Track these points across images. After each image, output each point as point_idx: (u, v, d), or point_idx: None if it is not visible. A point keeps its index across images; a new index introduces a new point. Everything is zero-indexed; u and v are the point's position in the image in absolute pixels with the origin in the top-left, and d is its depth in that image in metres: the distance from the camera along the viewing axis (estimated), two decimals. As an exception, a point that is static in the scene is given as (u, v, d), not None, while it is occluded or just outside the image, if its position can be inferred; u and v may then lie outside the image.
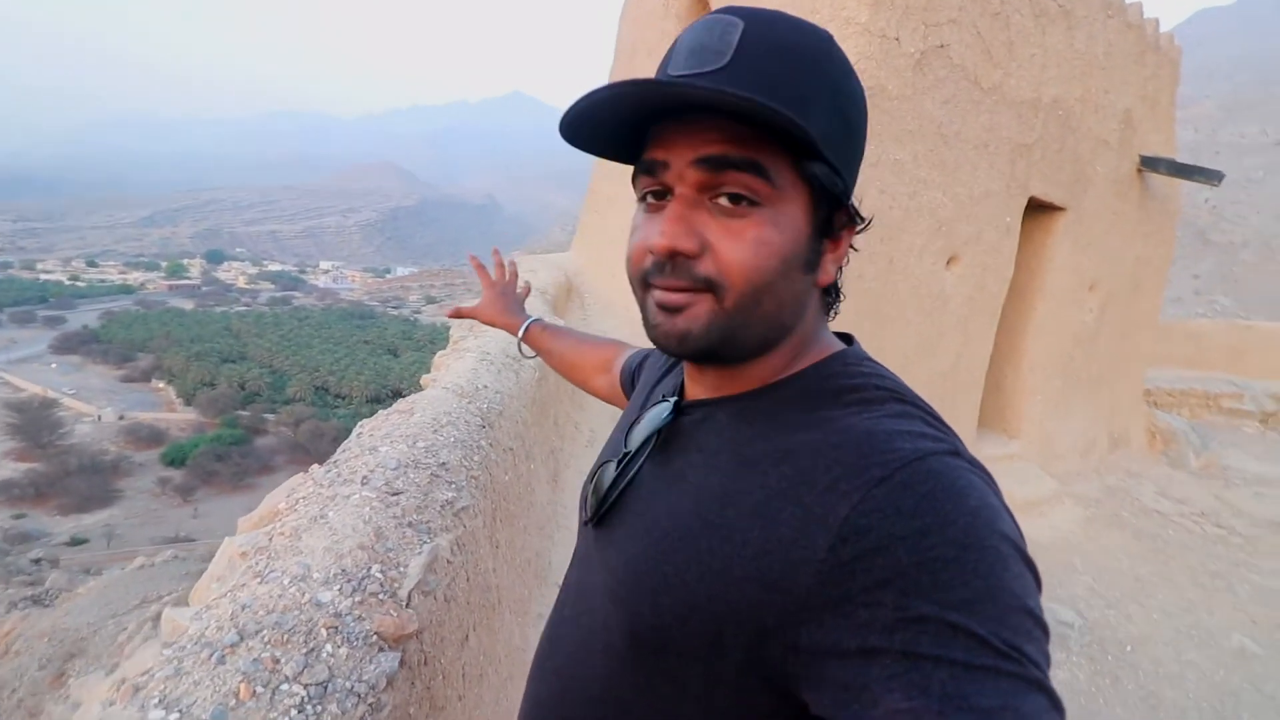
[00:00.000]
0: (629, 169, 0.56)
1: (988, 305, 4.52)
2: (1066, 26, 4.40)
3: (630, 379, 0.90)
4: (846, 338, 0.60)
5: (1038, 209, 4.77)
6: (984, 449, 4.75)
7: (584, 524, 0.66)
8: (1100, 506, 4.71)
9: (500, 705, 1.50)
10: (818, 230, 0.52)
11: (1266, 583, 3.84)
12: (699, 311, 0.51)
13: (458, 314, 1.20)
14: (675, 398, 0.62)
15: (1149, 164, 5.33)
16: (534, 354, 1.13)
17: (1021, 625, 0.39)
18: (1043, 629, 0.40)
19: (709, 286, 0.50)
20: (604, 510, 0.61)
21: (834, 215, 0.53)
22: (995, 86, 4.05)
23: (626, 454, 0.62)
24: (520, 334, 1.11)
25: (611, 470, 0.62)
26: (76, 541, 28.93)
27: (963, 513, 0.42)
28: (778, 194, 0.49)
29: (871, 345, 0.59)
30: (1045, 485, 4.72)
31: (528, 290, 1.23)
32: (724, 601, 0.47)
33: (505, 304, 1.16)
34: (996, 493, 0.45)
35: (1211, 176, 5.30)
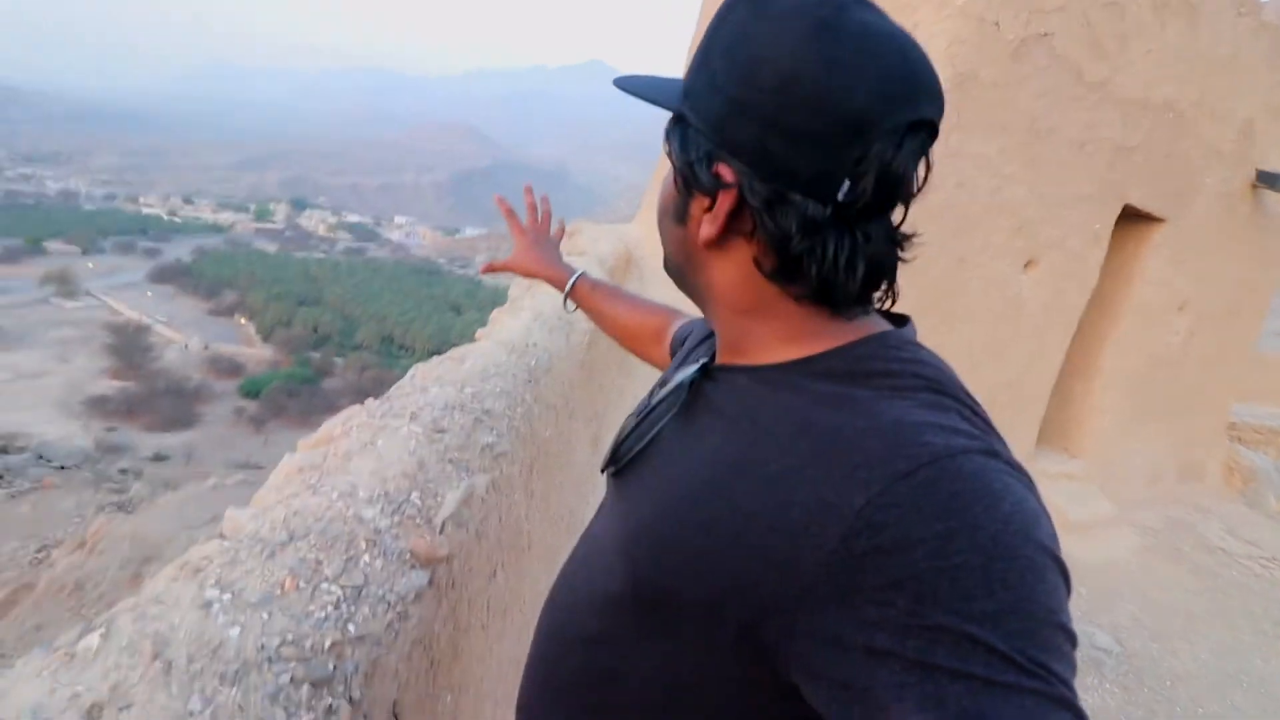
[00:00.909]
0: None
1: (1065, 315, 4.30)
2: (1190, 23, 4.06)
3: (678, 348, 0.90)
4: (901, 319, 0.57)
5: (1133, 218, 4.46)
6: (1042, 465, 4.56)
7: (602, 472, 0.68)
8: (1160, 537, 4.46)
9: (521, 643, 1.58)
10: (680, 184, 0.54)
11: (1338, 639, 3.57)
12: None
13: (490, 269, 1.14)
14: (705, 359, 0.61)
15: (1266, 180, 4.89)
16: (575, 308, 1.11)
17: (1051, 640, 0.37)
18: (1072, 641, 0.39)
19: None
20: (623, 462, 0.62)
21: (691, 171, 0.52)
22: (1101, 82, 3.79)
23: (647, 407, 0.63)
24: (567, 289, 1.07)
25: (631, 422, 0.63)
26: (159, 457, 31.39)
27: (994, 519, 0.39)
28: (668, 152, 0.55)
29: (934, 344, 0.54)
30: (1102, 508, 4.50)
31: (561, 232, 1.17)
32: (726, 572, 0.47)
33: (540, 253, 1.10)
34: (1036, 497, 0.43)
35: (1338, 198, 4.83)
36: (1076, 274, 4.20)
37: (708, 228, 0.52)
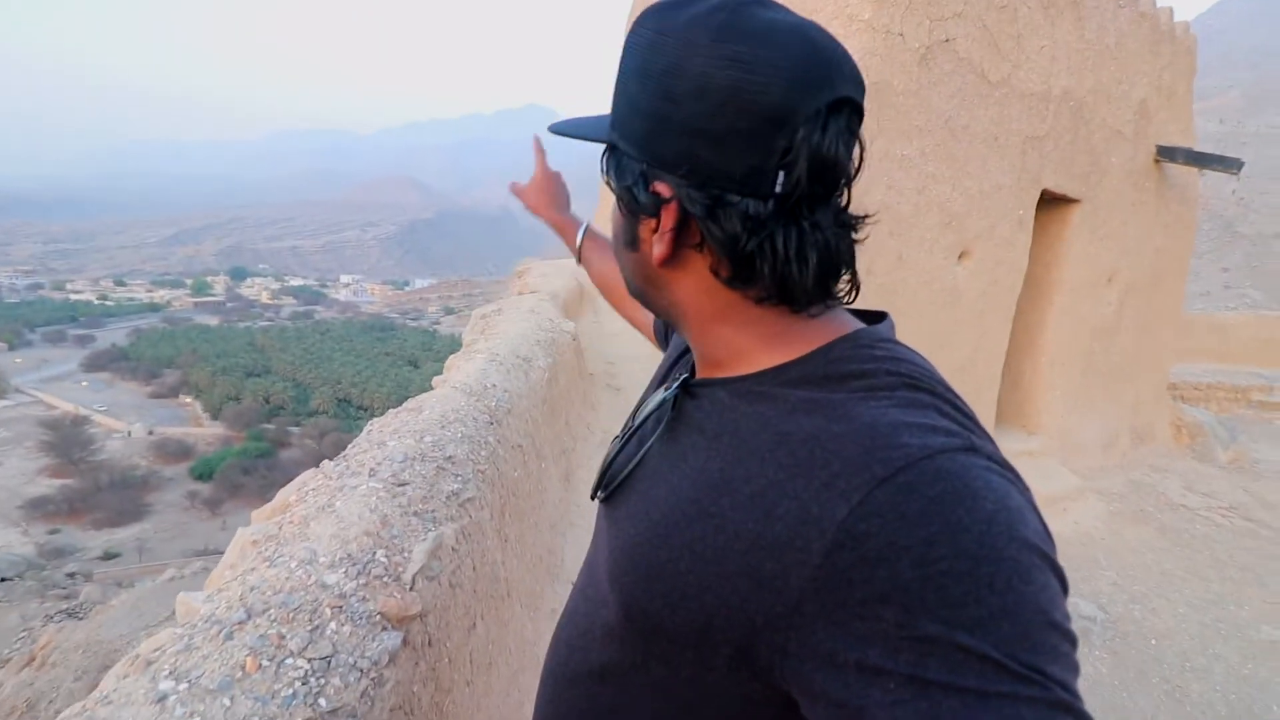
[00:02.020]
0: None
1: (1002, 299, 4.48)
2: (1076, 18, 4.37)
3: (665, 328, 0.91)
4: (878, 316, 0.57)
5: (1052, 201, 4.72)
6: (1003, 444, 4.66)
7: (592, 498, 0.66)
8: (1124, 501, 4.62)
9: (510, 697, 1.52)
10: (624, 210, 0.55)
11: (1299, 576, 3.74)
12: None
13: (516, 188, 1.14)
14: (685, 375, 0.61)
15: (1166, 154, 5.25)
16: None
17: (1044, 642, 0.36)
18: (1070, 641, 0.38)
19: None
20: (612, 487, 0.61)
21: (629, 196, 0.53)
22: (1004, 79, 4.03)
23: (630, 429, 0.63)
24: (580, 238, 1.08)
25: (616, 445, 0.63)
26: (109, 555, 29.56)
27: (977, 519, 0.38)
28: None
29: (882, 339, 0.55)
30: (1067, 481, 4.65)
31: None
32: (714, 593, 0.46)
33: (554, 195, 1.11)
34: (1022, 491, 0.42)
35: (1231, 165, 5.20)
36: (1007, 259, 4.39)
37: (658, 247, 0.52)
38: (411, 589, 0.97)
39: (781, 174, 0.47)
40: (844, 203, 0.50)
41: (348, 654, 0.79)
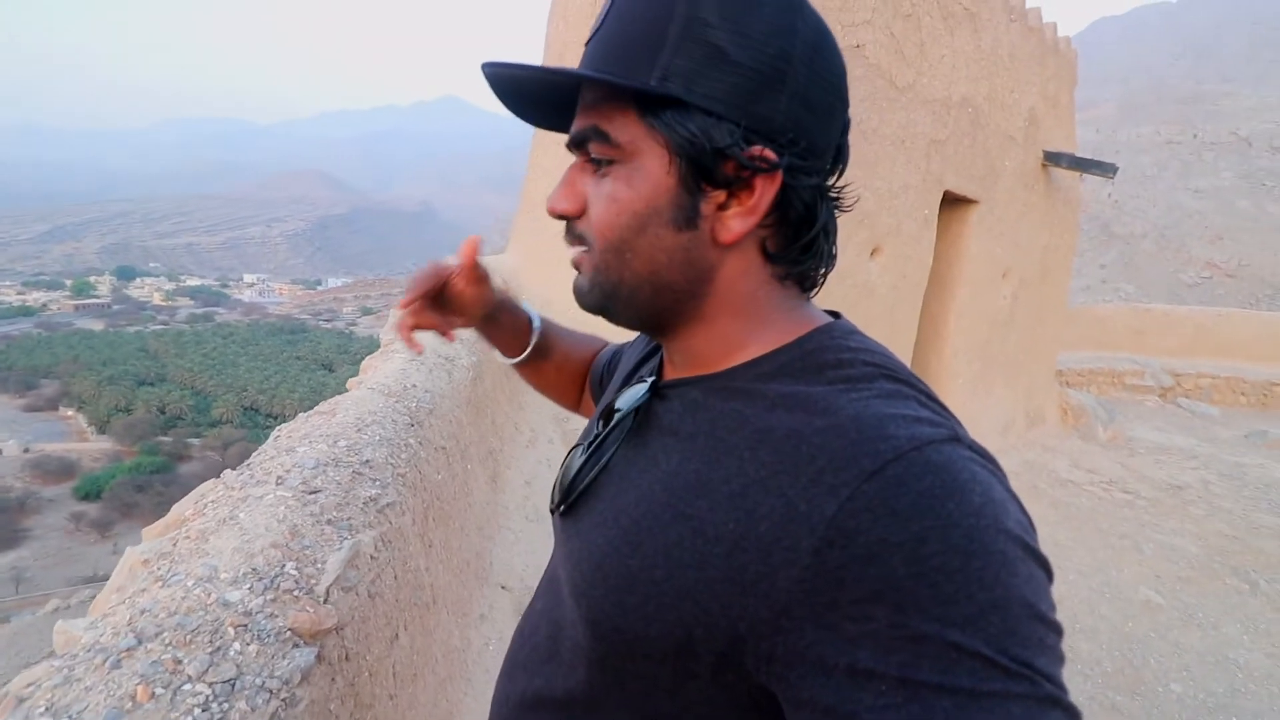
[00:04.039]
0: (561, 168, 0.55)
1: (910, 294, 4.73)
2: (973, 29, 4.66)
3: (599, 379, 0.82)
4: (833, 314, 0.56)
5: (952, 201, 5.02)
6: (914, 432, 4.96)
7: (551, 512, 0.62)
8: (1020, 480, 4.99)
9: (439, 706, 1.47)
10: (688, 181, 0.47)
11: (1168, 540, 4.17)
12: (585, 267, 0.52)
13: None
14: (653, 378, 0.57)
15: (1052, 158, 5.70)
16: (519, 359, 0.85)
17: (1032, 635, 0.36)
18: (1055, 631, 0.38)
19: (587, 244, 0.52)
20: (573, 497, 0.56)
21: (714, 162, 0.46)
22: (909, 85, 4.25)
23: (597, 436, 0.58)
24: (535, 336, 0.85)
25: (579, 455, 0.58)
26: (-22, 587, 26.61)
27: (966, 513, 0.37)
28: (627, 150, 0.48)
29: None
30: (971, 463, 4.96)
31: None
32: (694, 600, 0.43)
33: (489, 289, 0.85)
34: (1003, 481, 0.42)
35: (1107, 169, 5.71)
36: (914, 256, 4.64)
37: (743, 221, 0.47)
38: (326, 601, 0.91)
39: (837, 151, 0.50)
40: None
41: (254, 675, 0.74)
